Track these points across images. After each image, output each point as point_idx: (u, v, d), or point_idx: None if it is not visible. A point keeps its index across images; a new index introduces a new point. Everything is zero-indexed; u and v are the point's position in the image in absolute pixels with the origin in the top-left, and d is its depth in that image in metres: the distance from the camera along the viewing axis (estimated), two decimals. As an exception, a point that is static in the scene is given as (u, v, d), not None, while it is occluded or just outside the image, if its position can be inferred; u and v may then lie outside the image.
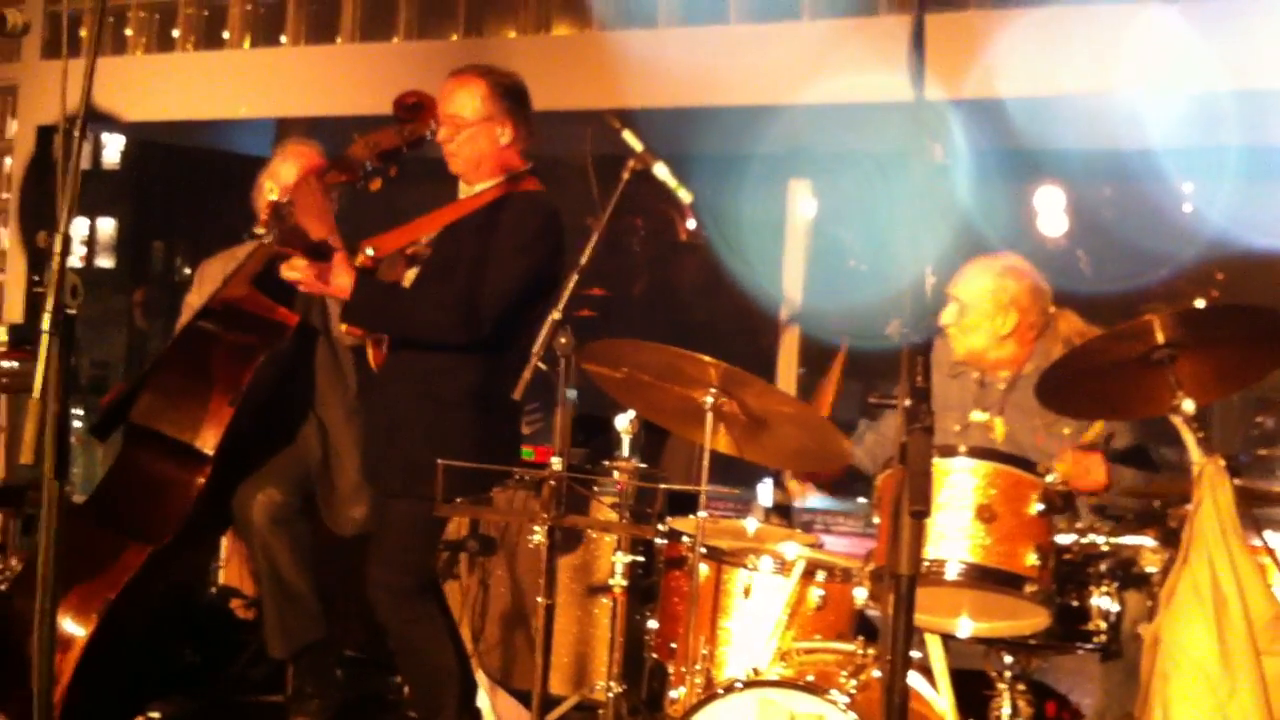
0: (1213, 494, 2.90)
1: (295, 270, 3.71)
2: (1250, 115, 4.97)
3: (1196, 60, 4.70)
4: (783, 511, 5.86)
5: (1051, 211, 7.22)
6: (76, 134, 2.46)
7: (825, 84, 4.99)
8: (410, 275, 3.90)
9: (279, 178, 4.41)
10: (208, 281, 4.54)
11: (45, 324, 2.45)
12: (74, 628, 3.83)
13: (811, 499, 4.25)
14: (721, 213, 6.20)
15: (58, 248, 2.47)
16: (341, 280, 3.71)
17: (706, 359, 3.44)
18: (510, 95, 3.86)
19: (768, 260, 6.20)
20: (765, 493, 5.84)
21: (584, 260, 3.44)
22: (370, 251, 3.79)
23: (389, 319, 3.86)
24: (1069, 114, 5.28)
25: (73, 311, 2.47)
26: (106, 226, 28.53)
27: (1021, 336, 4.01)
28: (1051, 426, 3.89)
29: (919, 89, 1.96)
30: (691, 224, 3.64)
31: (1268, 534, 3.57)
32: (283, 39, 6.67)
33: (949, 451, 3.20)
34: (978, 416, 4.04)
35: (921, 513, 1.84)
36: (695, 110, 5.54)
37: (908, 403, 1.89)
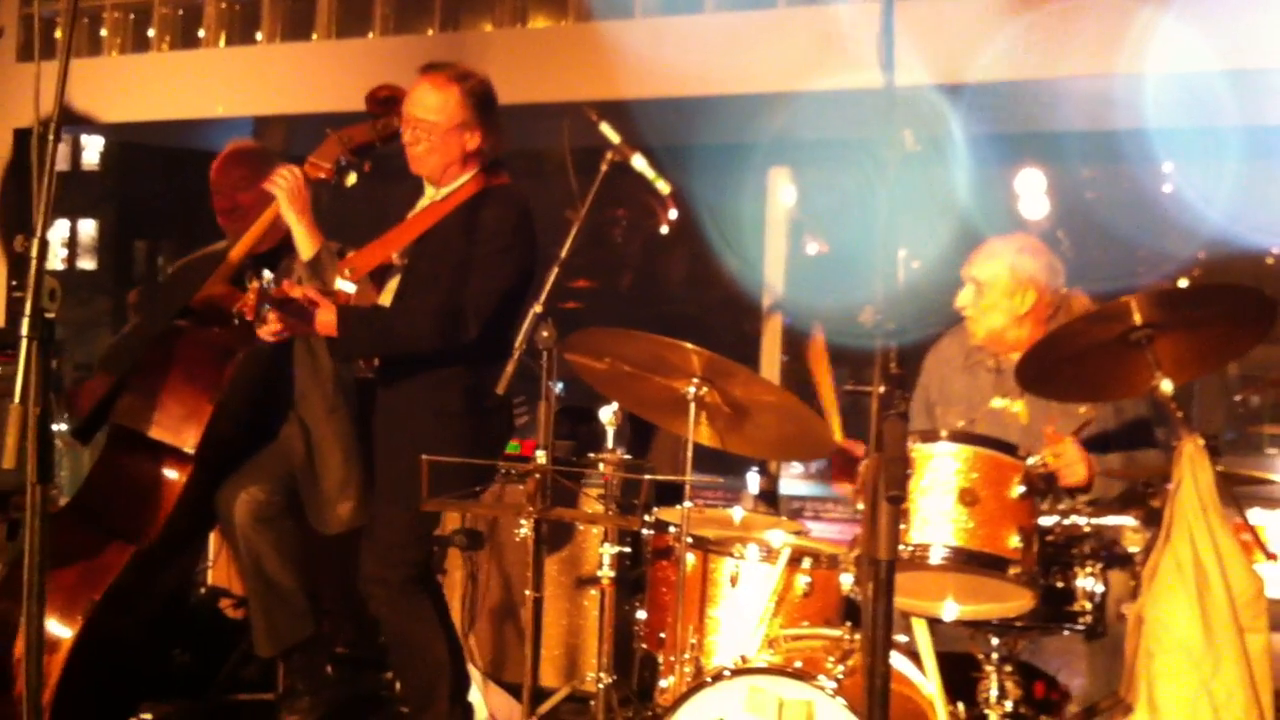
0: (1193, 472, 2.92)
1: (273, 326, 3.71)
2: (1242, 96, 4.99)
3: (1189, 41, 4.71)
4: (769, 499, 5.89)
5: (1034, 194, 7.25)
6: (51, 137, 2.46)
7: (803, 72, 5.00)
8: (391, 285, 3.90)
9: (214, 171, 4.43)
10: (173, 270, 4.56)
11: (24, 328, 2.44)
12: (59, 629, 3.83)
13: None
14: (702, 202, 6.21)
15: (35, 251, 2.46)
16: (326, 319, 3.72)
17: (689, 346, 3.45)
18: (481, 102, 3.85)
19: (750, 249, 6.22)
20: (753, 481, 5.87)
21: (564, 253, 3.44)
22: (348, 271, 3.80)
23: (378, 344, 3.87)
24: (1058, 97, 5.29)
25: (51, 315, 2.47)
26: (88, 228, 28.44)
27: (1038, 315, 4.02)
28: (1067, 407, 3.91)
29: (889, 76, 1.97)
30: (673, 214, 3.64)
31: (1257, 510, 3.60)
32: (258, 37, 6.65)
33: (930, 436, 3.21)
34: (998, 403, 4.06)
35: (897, 498, 1.85)
36: (673, 100, 5.54)
37: (882, 389, 1.90)
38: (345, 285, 3.79)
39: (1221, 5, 4.81)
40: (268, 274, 3.66)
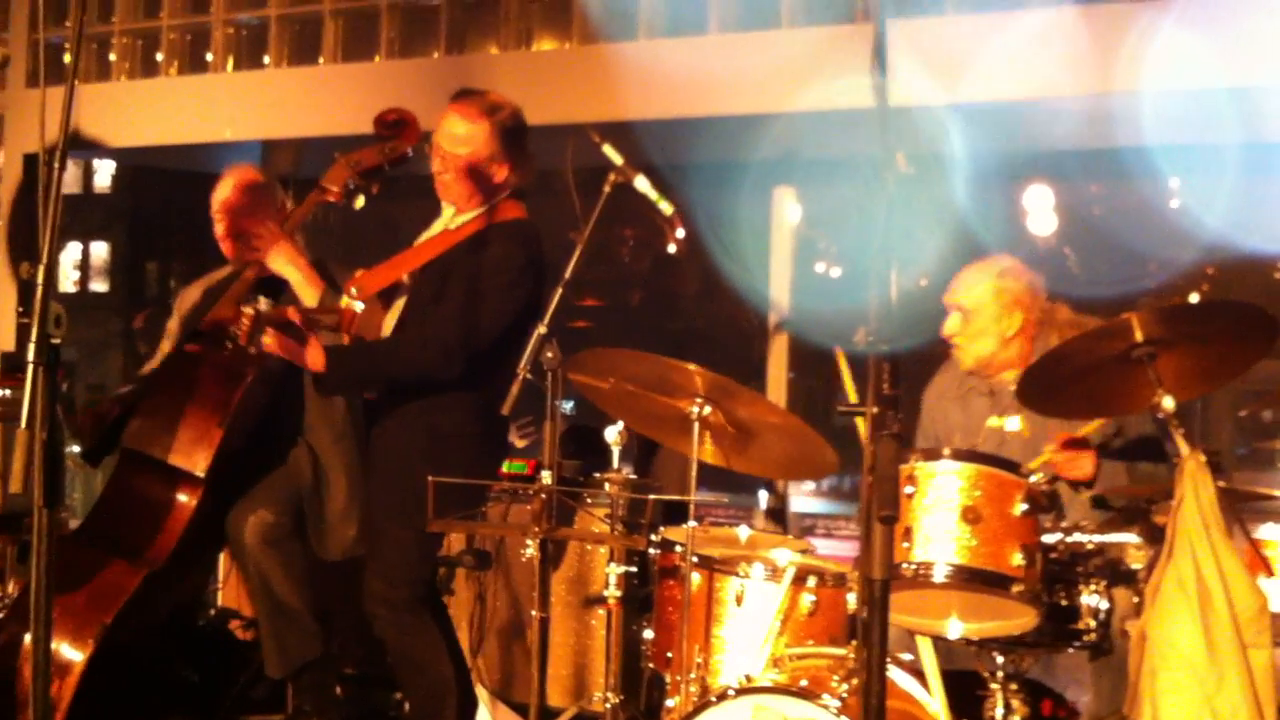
0: (1194, 489, 2.92)
1: (270, 343, 3.74)
2: (1244, 112, 5.00)
3: (1189, 58, 4.72)
4: (779, 517, 5.90)
5: (1041, 211, 7.26)
6: (56, 165, 2.48)
7: (806, 91, 5.01)
8: (397, 306, 3.93)
9: (216, 197, 4.47)
10: (187, 307, 4.59)
11: (30, 354, 2.47)
12: (71, 653, 3.85)
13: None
14: (708, 221, 6.22)
15: (40, 278, 2.48)
16: (314, 356, 3.74)
17: (692, 367, 3.46)
18: (511, 135, 3.88)
19: (756, 267, 6.23)
20: (763, 499, 5.88)
21: (568, 273, 3.46)
22: (355, 291, 3.82)
23: (367, 378, 3.90)
24: (1063, 115, 5.30)
25: (57, 341, 2.49)
26: (100, 251, 28.56)
27: (1025, 334, 4.07)
28: (1066, 422, 3.92)
29: (881, 97, 1.98)
30: (681, 233, 3.66)
31: (1269, 526, 3.60)
32: (266, 61, 6.69)
33: (933, 455, 3.22)
34: (994, 422, 4.08)
35: (889, 518, 1.86)
36: (677, 121, 5.56)
37: (875, 410, 1.91)
38: (353, 304, 3.82)
39: (1224, 21, 4.81)
40: (264, 300, 3.69)
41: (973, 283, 4.10)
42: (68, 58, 2.71)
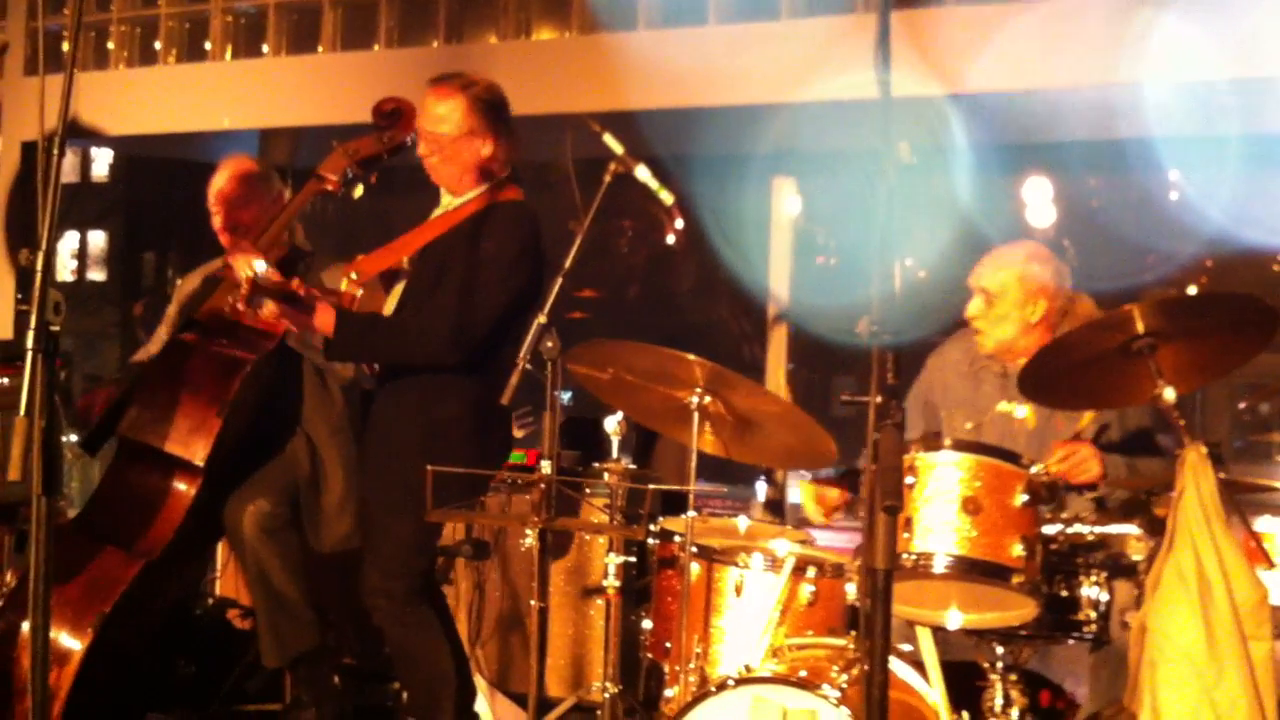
0: (1195, 481, 2.92)
1: (272, 310, 3.72)
2: (1246, 104, 4.99)
3: (1190, 50, 4.71)
4: (776, 508, 5.90)
5: (1040, 203, 7.26)
6: (55, 152, 2.47)
7: (805, 83, 5.01)
8: (396, 290, 3.92)
9: (213, 187, 4.46)
10: (186, 293, 4.59)
11: (29, 341, 2.46)
12: (70, 642, 3.84)
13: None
14: (707, 212, 6.22)
15: (39, 265, 2.47)
16: (324, 318, 3.73)
17: (692, 358, 3.46)
18: (490, 108, 3.84)
19: (755, 258, 6.23)
20: (761, 490, 5.89)
21: (568, 264, 3.46)
22: (354, 275, 3.81)
23: (374, 351, 3.89)
24: (1063, 106, 5.30)
25: (56, 328, 2.49)
26: (97, 239, 28.49)
27: (1047, 323, 4.02)
28: (1070, 412, 3.91)
29: (885, 88, 1.98)
30: (680, 224, 3.65)
31: (1266, 518, 3.60)
32: (264, 49, 6.67)
33: (933, 445, 3.22)
34: (1004, 407, 4.05)
35: (893, 508, 1.86)
36: (677, 111, 5.56)
37: (878, 400, 1.91)
38: (353, 289, 3.81)
39: (1226, 12, 4.81)
40: (262, 265, 3.66)
41: (997, 266, 4.04)
42: (66, 45, 2.69)
